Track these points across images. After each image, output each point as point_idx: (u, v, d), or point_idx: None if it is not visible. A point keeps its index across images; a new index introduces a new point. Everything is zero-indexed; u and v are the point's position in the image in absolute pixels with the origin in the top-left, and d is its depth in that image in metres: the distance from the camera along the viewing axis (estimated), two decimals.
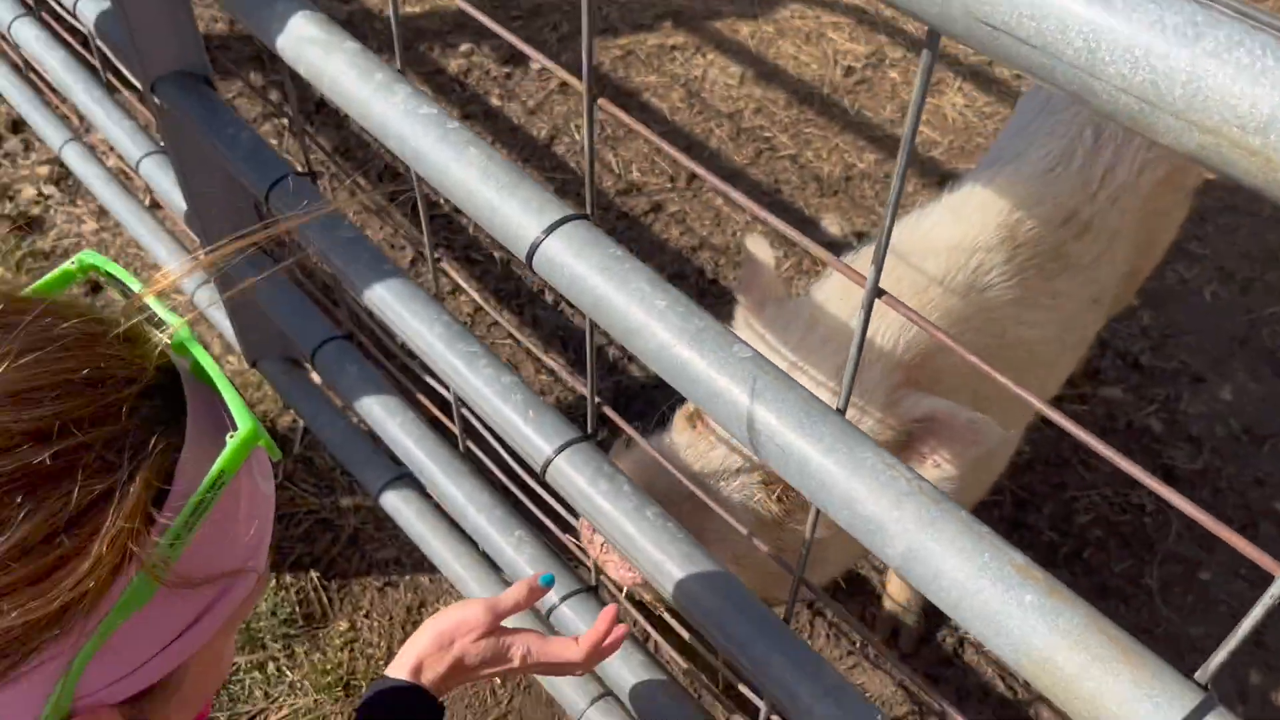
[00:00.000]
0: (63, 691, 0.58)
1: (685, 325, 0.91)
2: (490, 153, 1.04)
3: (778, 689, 1.06)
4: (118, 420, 0.58)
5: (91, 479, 0.56)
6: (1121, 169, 1.80)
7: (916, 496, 0.79)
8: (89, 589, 0.55)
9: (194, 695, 0.71)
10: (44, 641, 0.55)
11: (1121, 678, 0.70)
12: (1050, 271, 1.70)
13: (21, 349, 0.56)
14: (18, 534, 0.53)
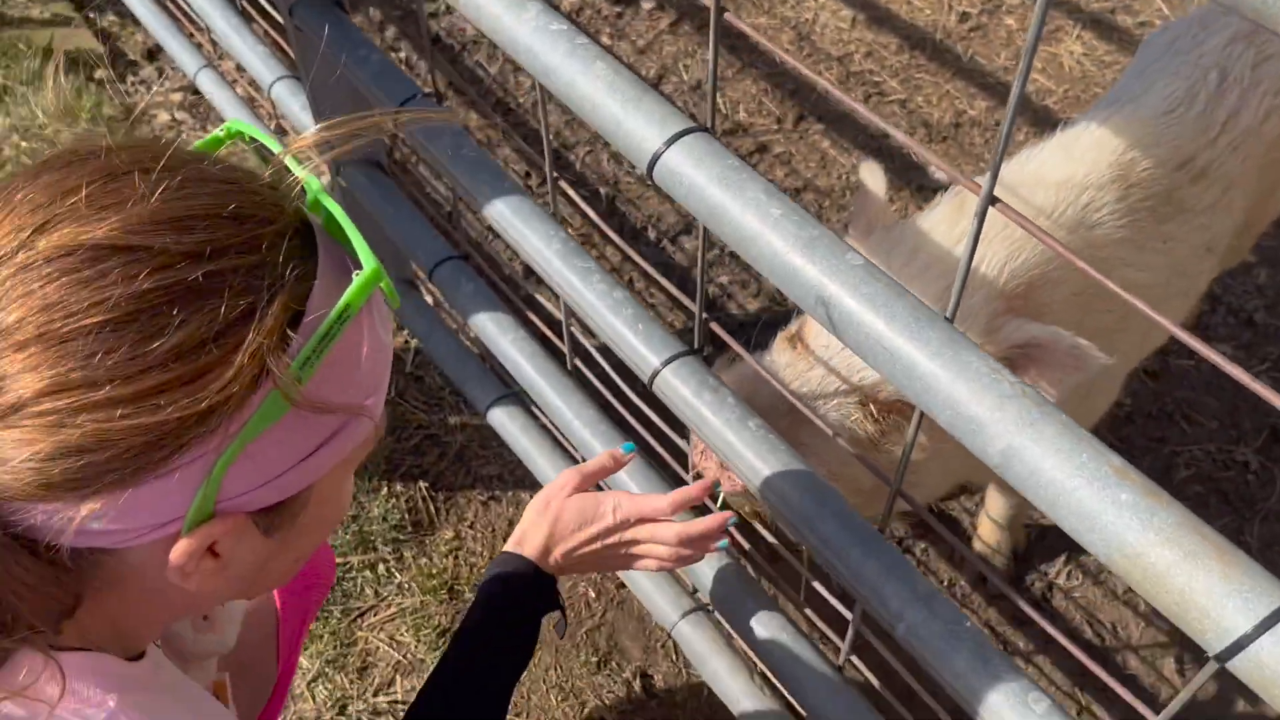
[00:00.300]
0: (207, 490, 0.66)
1: (799, 233, 0.95)
2: (616, 67, 1.09)
3: (870, 593, 1.11)
4: (258, 252, 0.66)
5: (236, 298, 0.64)
6: (1246, 114, 1.76)
7: (1019, 399, 0.82)
8: (232, 394, 0.63)
9: (315, 525, 0.79)
10: (193, 438, 0.63)
11: (1212, 574, 0.73)
12: (1163, 215, 1.67)
13: (181, 184, 0.65)
14: (174, 339, 0.62)
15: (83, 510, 0.63)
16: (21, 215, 0.63)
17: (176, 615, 0.81)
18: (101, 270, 0.61)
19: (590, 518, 1.22)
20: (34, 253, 0.61)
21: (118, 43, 3.26)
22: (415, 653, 1.93)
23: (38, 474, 0.61)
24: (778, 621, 1.45)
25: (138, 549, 0.68)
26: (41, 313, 0.60)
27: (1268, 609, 0.71)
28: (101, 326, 0.60)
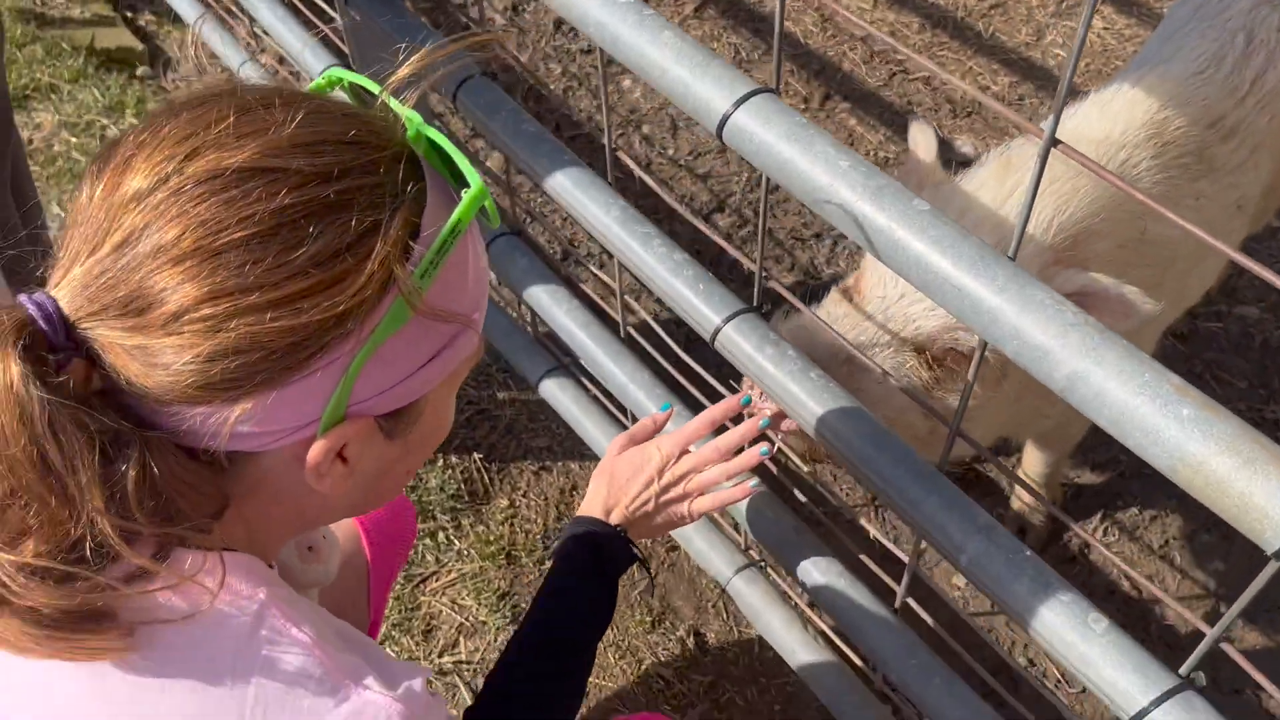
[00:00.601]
0: (342, 391, 0.73)
1: (867, 183, 1.01)
2: (682, 35, 1.15)
3: (932, 527, 1.17)
4: (377, 174, 0.73)
5: (364, 212, 0.71)
6: (1272, 75, 1.81)
7: (1081, 328, 0.89)
8: (364, 298, 0.71)
9: (427, 436, 0.87)
10: (331, 339, 0.71)
11: (1270, 477, 0.79)
12: (1195, 173, 1.73)
13: (306, 115, 0.73)
14: (313, 248, 0.69)
15: (235, 412, 0.70)
16: (169, 146, 0.70)
17: (305, 524, 0.88)
18: (246, 190, 0.68)
19: (640, 465, 1.31)
20: (184, 177, 0.68)
21: (157, 41, 3.34)
22: (476, 615, 2.00)
23: (198, 375, 0.68)
24: (834, 568, 1.51)
25: (276, 452, 0.75)
26: (196, 229, 0.67)
27: None
28: (250, 239, 0.68)
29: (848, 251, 2.70)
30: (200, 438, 0.72)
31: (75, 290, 0.69)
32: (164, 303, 0.67)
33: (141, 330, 0.68)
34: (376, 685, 0.74)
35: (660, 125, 3.05)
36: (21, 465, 0.65)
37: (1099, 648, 1.07)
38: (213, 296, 0.67)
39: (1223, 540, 2.18)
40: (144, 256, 0.67)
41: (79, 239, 0.70)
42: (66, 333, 0.68)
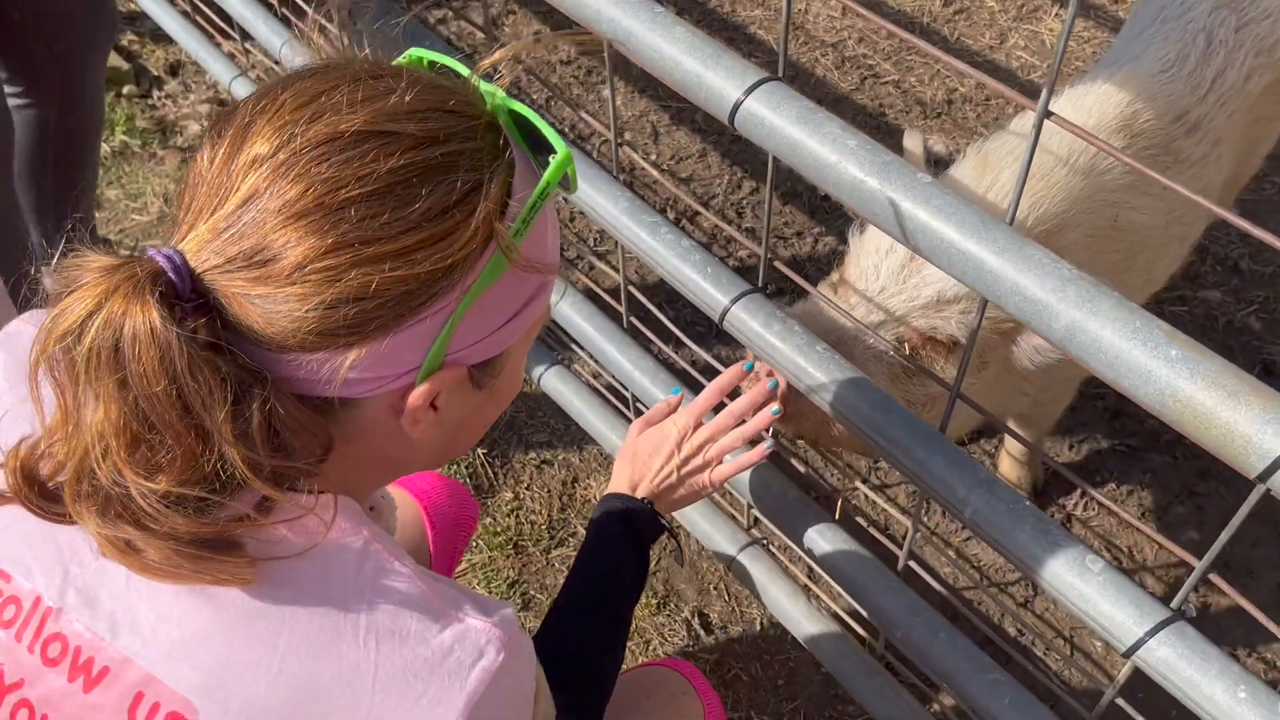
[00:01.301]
0: (443, 340, 0.80)
1: (874, 160, 1.09)
2: (693, 30, 1.24)
3: (938, 484, 1.26)
4: (475, 139, 0.80)
5: (468, 173, 0.78)
6: (1231, 73, 1.92)
7: (1077, 282, 0.97)
8: (470, 251, 0.78)
9: (505, 388, 0.94)
10: (440, 289, 0.77)
11: (1252, 406, 0.88)
12: (1162, 164, 1.84)
13: (409, 85, 0.79)
14: (425, 205, 0.75)
15: (349, 358, 0.76)
16: (289, 112, 0.76)
17: (393, 471, 0.94)
18: (362, 151, 0.74)
19: (659, 441, 1.39)
20: (305, 140, 0.74)
21: (140, 60, 3.38)
22: None
23: (318, 323, 0.74)
24: (839, 535, 1.59)
25: (376, 399, 0.81)
26: (317, 186, 0.73)
27: None
28: (368, 196, 0.74)
29: (829, 247, 2.80)
30: (315, 384, 0.77)
31: (201, 244, 0.74)
32: (287, 254, 0.73)
33: (266, 280, 0.73)
34: (474, 612, 0.81)
35: (641, 132, 3.14)
36: (161, 402, 0.71)
37: (1096, 585, 1.15)
38: (335, 248, 0.73)
39: (1195, 512, 2.29)
40: (269, 212, 0.73)
41: (202, 197, 0.76)
42: (192, 284, 0.74)
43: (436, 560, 1.47)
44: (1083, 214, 1.68)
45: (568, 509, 2.24)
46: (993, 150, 1.73)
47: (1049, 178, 1.66)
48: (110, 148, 3.02)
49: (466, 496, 1.57)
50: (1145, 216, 1.83)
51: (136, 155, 3.04)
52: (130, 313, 0.70)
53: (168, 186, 2.92)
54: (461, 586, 0.86)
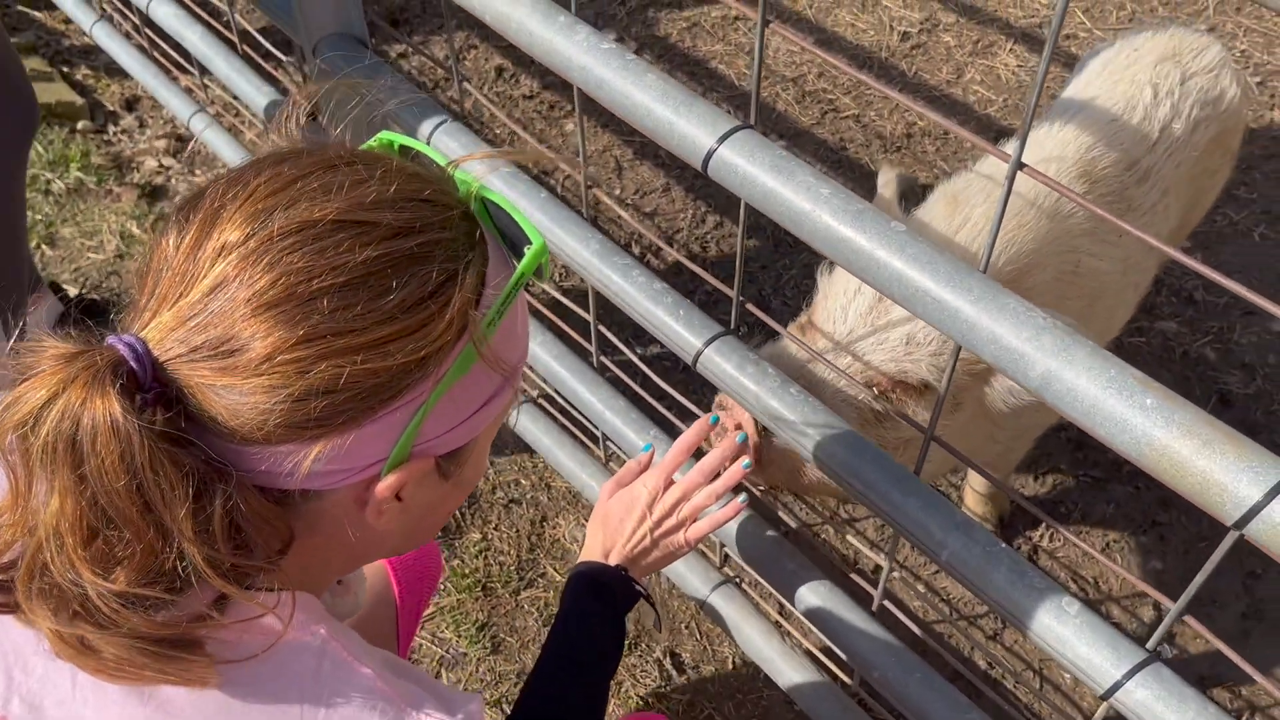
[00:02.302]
0: (411, 431, 0.78)
1: (847, 208, 1.10)
2: (665, 77, 1.24)
3: (914, 527, 1.26)
4: (451, 229, 0.79)
5: (443, 264, 0.77)
6: (1178, 124, 1.97)
7: (1052, 330, 0.98)
8: (444, 343, 0.76)
9: (470, 476, 0.92)
10: (409, 383, 0.76)
11: (1227, 455, 0.89)
12: (1117, 211, 1.87)
13: (384, 174, 0.78)
14: (399, 296, 0.74)
15: (314, 450, 0.74)
16: (260, 198, 0.74)
17: (353, 562, 0.92)
18: (336, 241, 0.73)
19: (630, 504, 1.37)
20: (276, 228, 0.72)
21: (95, 95, 3.34)
22: (457, 647, 2.03)
23: (285, 415, 0.72)
24: (814, 577, 1.59)
25: (339, 491, 0.79)
26: (288, 276, 0.71)
27: (1275, 479, 0.87)
28: (342, 287, 0.72)
29: (793, 280, 2.81)
30: (278, 477, 0.75)
31: (164, 332, 0.72)
32: (255, 345, 0.70)
33: (232, 371, 0.71)
34: (437, 711, 0.79)
35: (605, 167, 3.15)
36: (121, 498, 0.68)
37: (1073, 628, 1.16)
38: (305, 340, 0.71)
39: (1158, 541, 2.31)
40: (237, 301, 0.71)
41: (167, 283, 0.73)
42: (154, 373, 0.71)
43: (403, 614, 1.44)
44: (1049, 256, 1.71)
45: (537, 549, 2.22)
46: (961, 190, 1.75)
47: (1020, 217, 1.68)
48: (65, 185, 2.97)
49: (432, 548, 1.55)
50: (1104, 264, 1.85)
51: (92, 192, 2.99)
52: (89, 404, 0.67)
53: (124, 224, 2.87)
54: (427, 680, 0.85)
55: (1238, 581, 2.21)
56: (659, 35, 3.59)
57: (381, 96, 1.77)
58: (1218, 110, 2.01)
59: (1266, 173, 3.10)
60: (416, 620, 1.47)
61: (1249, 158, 3.12)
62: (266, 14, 1.97)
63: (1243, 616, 2.18)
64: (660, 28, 3.63)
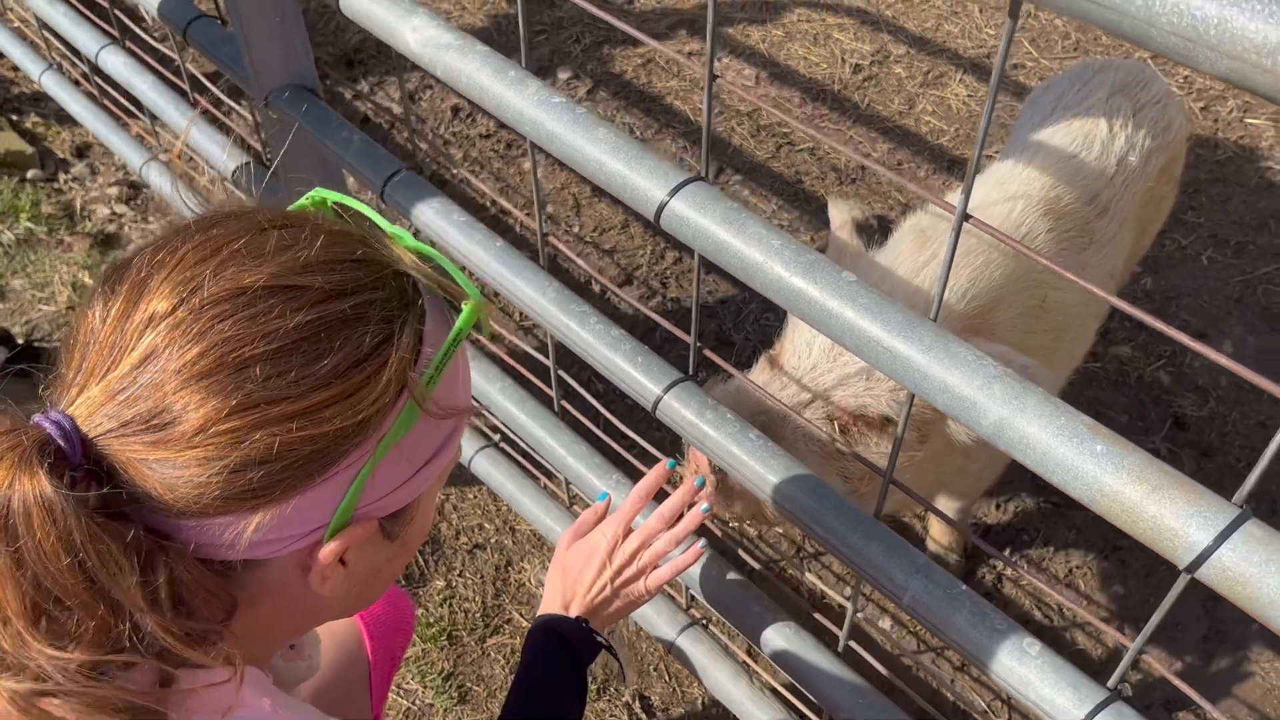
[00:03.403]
0: (353, 494, 0.77)
1: (798, 259, 1.11)
2: (616, 131, 1.25)
3: (875, 571, 1.26)
4: (384, 288, 0.78)
5: (378, 325, 0.76)
6: (1133, 156, 2.01)
7: (1003, 379, 0.99)
8: (382, 405, 0.75)
9: (416, 534, 0.91)
10: (349, 447, 0.74)
11: (1177, 501, 0.90)
12: (1079, 245, 1.90)
13: (314, 235, 0.77)
14: (334, 360, 0.73)
15: (253, 521, 0.73)
16: (187, 268, 0.73)
17: (298, 629, 0.90)
18: (268, 307, 0.72)
19: (589, 554, 1.36)
20: (205, 296, 0.71)
21: (45, 143, 3.30)
22: (423, 698, 2.00)
23: (222, 487, 0.70)
24: (780, 619, 1.59)
25: (281, 559, 0.78)
26: (219, 346, 0.70)
27: (1224, 523, 0.88)
28: (275, 354, 0.71)
29: (753, 316, 2.83)
30: (217, 548, 0.74)
31: (93, 407, 0.70)
32: (188, 418, 0.69)
33: (165, 445, 0.69)
34: None
35: (564, 204, 3.16)
36: (66, 576, 0.67)
37: (1035, 669, 1.16)
38: (239, 409, 0.69)
39: (1119, 565, 2.34)
40: (168, 373, 0.69)
41: (94, 357, 0.72)
42: (84, 450, 0.70)
43: (376, 669, 1.42)
44: (1015, 293, 1.73)
45: (502, 594, 2.20)
46: (928, 226, 1.77)
47: (987, 255, 1.70)
48: (15, 235, 2.93)
49: (403, 600, 1.53)
50: (1069, 296, 1.88)
51: (42, 242, 2.95)
52: (18, 485, 0.65)
53: (76, 275, 2.84)
54: None
55: (1198, 604, 2.24)
56: (614, 72, 3.62)
57: (334, 148, 1.77)
58: (1166, 140, 2.05)
59: (1212, 196, 3.17)
60: (391, 675, 1.45)
61: (1195, 182, 3.18)
62: (216, 65, 1.96)
63: (1204, 639, 2.21)
64: (615, 64, 3.65)
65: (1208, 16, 0.68)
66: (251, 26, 1.75)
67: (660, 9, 3.89)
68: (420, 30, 1.40)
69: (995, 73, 0.87)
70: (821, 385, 1.60)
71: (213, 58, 1.97)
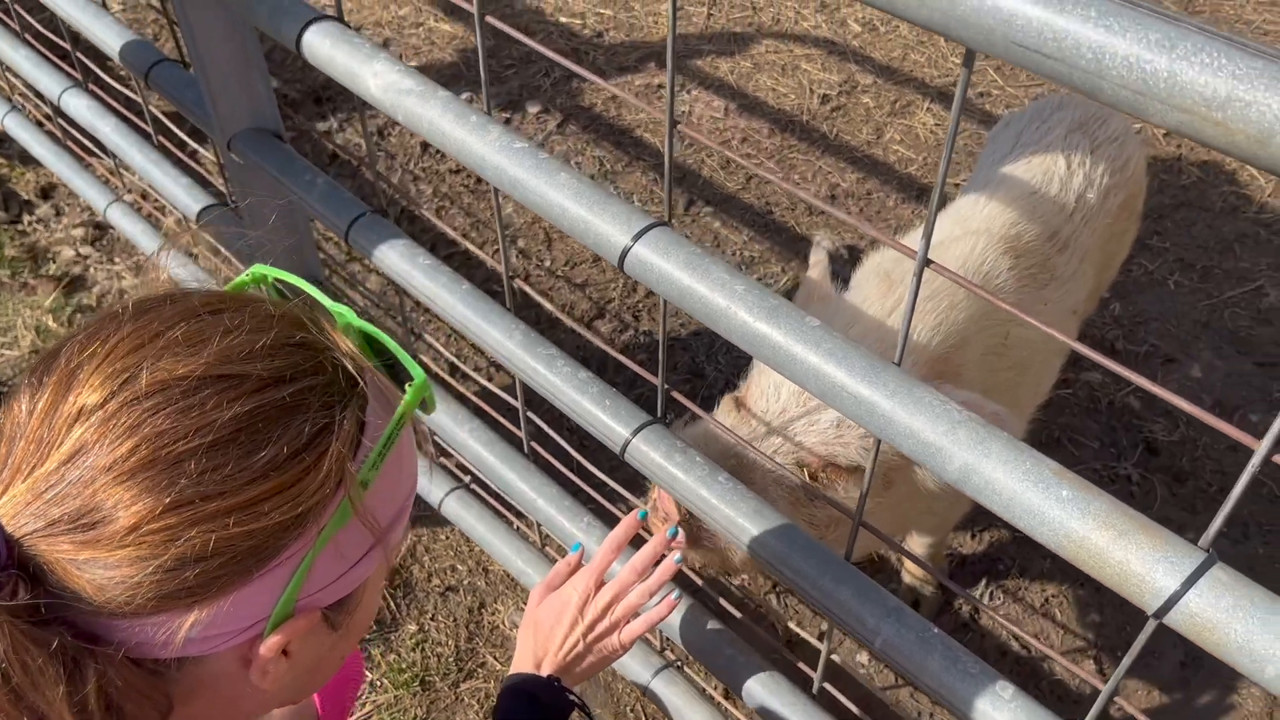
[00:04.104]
0: (294, 587, 0.73)
1: (762, 304, 1.10)
2: (579, 176, 1.24)
3: (846, 615, 1.25)
4: (325, 373, 0.75)
5: (318, 413, 0.73)
6: (1091, 193, 2.03)
7: (967, 424, 0.99)
8: (320, 499, 0.72)
9: (362, 619, 0.88)
10: (288, 540, 0.71)
11: (1143, 546, 0.90)
12: (1041, 281, 1.91)
13: (251, 320, 0.74)
14: (270, 451, 0.70)
15: (189, 619, 0.69)
16: (119, 358, 0.70)
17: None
18: (202, 399, 0.69)
19: (560, 609, 1.33)
20: (137, 389, 0.68)
21: (9, 184, 3.26)
22: None
23: (156, 587, 0.67)
24: (752, 661, 1.57)
25: (220, 655, 0.74)
26: (152, 440, 0.67)
27: (1190, 568, 0.88)
28: (210, 448, 0.68)
29: (726, 347, 2.82)
30: (152, 647, 0.70)
31: (19, 505, 0.67)
32: (119, 516, 0.66)
33: (94, 545, 0.66)
34: None
35: (535, 239, 3.15)
36: None
37: (1009, 713, 1.15)
38: (173, 507, 0.67)
39: (1095, 593, 2.34)
40: (97, 470, 0.66)
41: (20, 452, 0.69)
42: (9, 551, 0.66)
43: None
44: (979, 332, 1.73)
45: (476, 638, 2.17)
46: (892, 268, 1.77)
47: (951, 298, 1.70)
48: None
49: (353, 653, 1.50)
50: (1031, 333, 1.89)
51: (6, 285, 2.91)
52: None
53: (40, 319, 2.80)
54: None
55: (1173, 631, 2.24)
56: (583, 105, 3.62)
57: (298, 192, 1.75)
58: (1125, 176, 2.08)
59: (1177, 221, 3.20)
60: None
61: (1160, 207, 3.21)
62: (179, 109, 1.95)
63: (1181, 665, 2.21)
64: (584, 98, 3.66)
65: (1158, 70, 0.68)
66: (214, 71, 1.74)
67: (630, 42, 3.91)
68: (381, 76, 1.39)
69: (951, 130, 0.87)
70: (791, 430, 1.60)
71: (176, 101, 1.95)
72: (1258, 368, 2.76)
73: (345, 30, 1.45)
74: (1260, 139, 0.66)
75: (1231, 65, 0.66)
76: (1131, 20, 0.69)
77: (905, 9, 0.79)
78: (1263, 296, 2.95)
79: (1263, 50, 0.66)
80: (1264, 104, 0.65)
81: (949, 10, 0.76)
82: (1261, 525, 2.44)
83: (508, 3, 4.06)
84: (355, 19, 3.98)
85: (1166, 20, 0.69)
